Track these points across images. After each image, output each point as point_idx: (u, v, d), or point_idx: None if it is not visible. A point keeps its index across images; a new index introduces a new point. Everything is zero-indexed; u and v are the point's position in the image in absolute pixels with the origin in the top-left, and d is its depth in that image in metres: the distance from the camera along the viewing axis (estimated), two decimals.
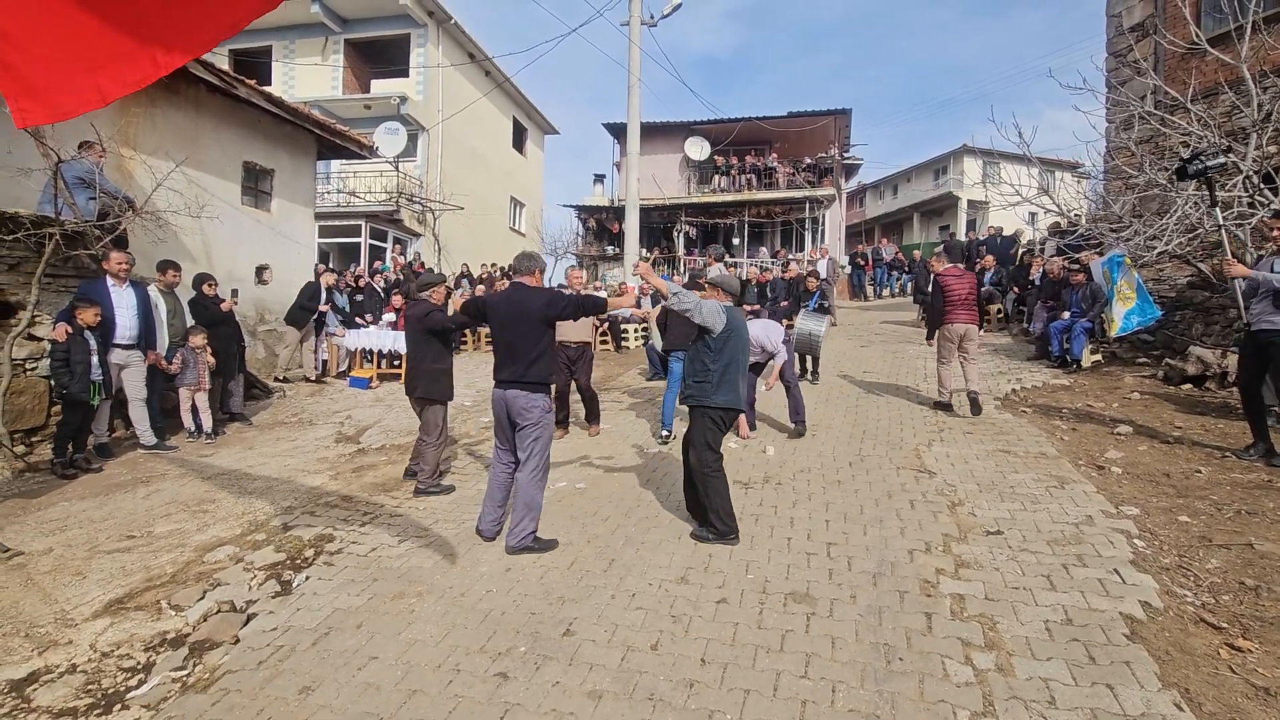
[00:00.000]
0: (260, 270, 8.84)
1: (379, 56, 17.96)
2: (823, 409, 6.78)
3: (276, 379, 8.95)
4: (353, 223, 16.02)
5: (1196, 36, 7.61)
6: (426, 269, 14.43)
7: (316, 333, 9.40)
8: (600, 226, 22.02)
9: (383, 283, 12.35)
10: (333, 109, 16.10)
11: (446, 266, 16.86)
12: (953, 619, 2.92)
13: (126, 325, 5.82)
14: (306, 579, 3.54)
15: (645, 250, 19.73)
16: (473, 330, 11.91)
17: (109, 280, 5.78)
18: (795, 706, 2.40)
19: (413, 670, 2.69)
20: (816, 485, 4.73)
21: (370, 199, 16.33)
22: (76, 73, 1.72)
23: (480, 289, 13.12)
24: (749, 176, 21.01)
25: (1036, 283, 10.09)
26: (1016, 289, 11.08)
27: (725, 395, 3.86)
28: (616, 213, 20.10)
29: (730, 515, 3.81)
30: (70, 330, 5.25)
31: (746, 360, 4.04)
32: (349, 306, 10.26)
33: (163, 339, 6.35)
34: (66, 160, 5.77)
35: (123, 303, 5.82)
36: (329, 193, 16.27)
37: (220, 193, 8.32)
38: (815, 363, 8.08)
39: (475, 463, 5.72)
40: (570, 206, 23.76)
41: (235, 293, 7.53)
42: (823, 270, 13.31)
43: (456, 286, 13.86)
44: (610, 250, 21.22)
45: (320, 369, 9.52)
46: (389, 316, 10.19)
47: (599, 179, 23.70)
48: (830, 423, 6.35)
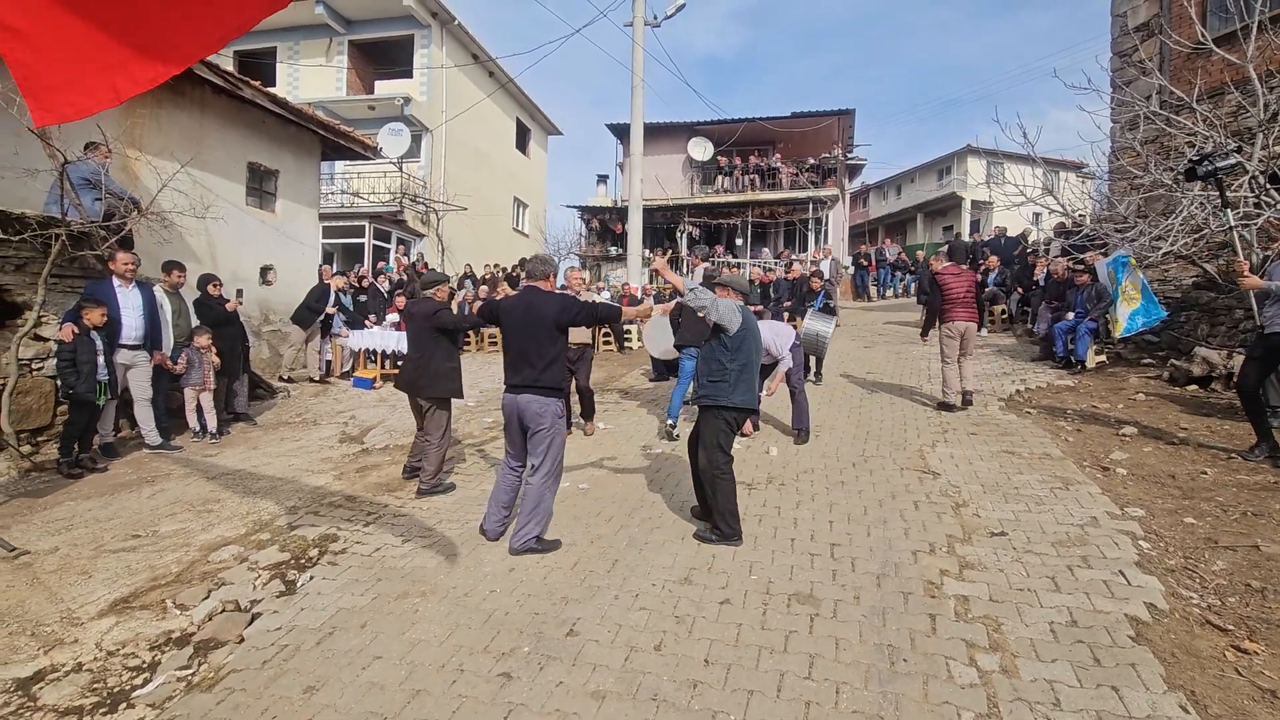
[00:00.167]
0: (264, 271, 8.87)
1: (383, 57, 18.01)
2: (826, 409, 6.77)
3: (281, 379, 8.98)
4: (357, 223, 16.05)
5: (1202, 36, 7.58)
6: (430, 269, 14.45)
7: (323, 334, 9.44)
8: (603, 227, 22.03)
9: (386, 283, 12.36)
10: (337, 110, 16.15)
11: (450, 267, 16.88)
12: (957, 620, 2.91)
13: (132, 325, 5.84)
14: (311, 579, 3.56)
15: (648, 251, 19.72)
16: (476, 330, 11.92)
17: (115, 281, 5.81)
18: (799, 707, 2.40)
19: (417, 670, 2.70)
20: (820, 486, 4.73)
21: (374, 200, 16.37)
22: (91, 71, 1.73)
23: (484, 289, 13.15)
24: (752, 177, 21.00)
25: (1041, 283, 10.07)
26: (1021, 289, 11.06)
27: (742, 395, 3.82)
28: (620, 213, 20.11)
29: (735, 518, 3.81)
30: (77, 330, 5.28)
31: (758, 359, 4.00)
32: (353, 307, 10.29)
33: (168, 339, 6.37)
34: (73, 161, 5.80)
35: (129, 303, 5.84)
36: (333, 193, 16.32)
37: (225, 193, 8.35)
38: (819, 363, 8.09)
39: (479, 463, 5.73)
40: (573, 207, 23.84)
41: (240, 293, 7.56)
42: (826, 271, 13.30)
43: (460, 287, 13.89)
44: (614, 251, 21.23)
45: (324, 369, 9.55)
46: (392, 317, 10.21)
47: (602, 179, 23.77)
48: (834, 423, 6.34)
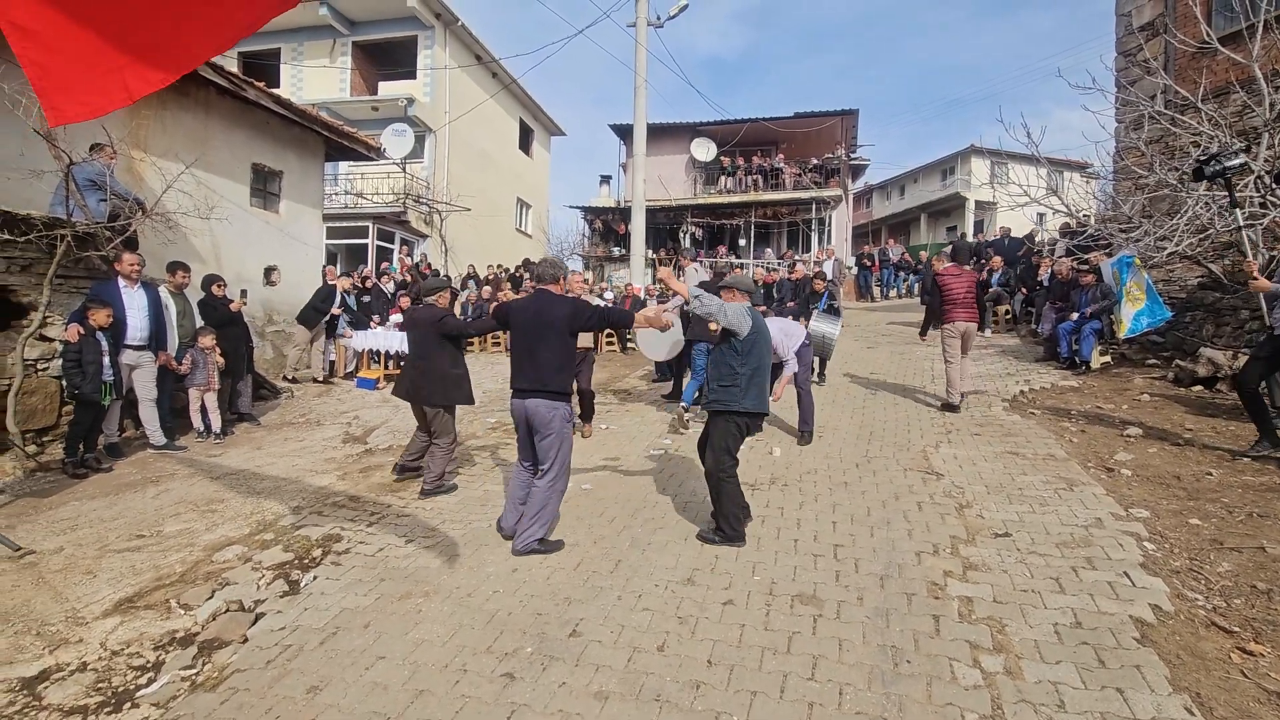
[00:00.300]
0: (268, 271, 8.89)
1: (386, 58, 18.04)
2: (829, 410, 6.76)
3: (285, 378, 9.00)
4: (360, 224, 16.08)
5: (1207, 35, 7.55)
6: (433, 271, 14.48)
7: (327, 335, 9.47)
8: (606, 228, 22.03)
9: (391, 284, 12.38)
10: (340, 111, 16.18)
11: (453, 268, 16.90)
12: (961, 621, 2.91)
13: (137, 326, 5.86)
14: (314, 579, 3.56)
15: (651, 251, 19.72)
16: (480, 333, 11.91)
17: (120, 281, 5.83)
18: (802, 708, 2.40)
19: (420, 670, 2.70)
20: (823, 487, 4.72)
21: (377, 200, 16.40)
22: (104, 71, 1.74)
23: (488, 290, 13.16)
24: (755, 177, 20.97)
25: (1045, 284, 10.05)
26: (1025, 290, 11.03)
27: (754, 399, 3.78)
28: (623, 214, 20.10)
29: (739, 521, 3.81)
30: (82, 331, 5.30)
31: (770, 361, 3.96)
32: (356, 307, 10.31)
33: (173, 340, 6.39)
34: (78, 162, 5.81)
35: (134, 304, 5.86)
36: (337, 194, 16.34)
37: (229, 194, 8.37)
38: (823, 364, 8.08)
39: (482, 463, 5.74)
40: (576, 208, 23.81)
41: (244, 293, 7.57)
42: (829, 271, 13.29)
43: (463, 288, 13.90)
44: (616, 251, 21.23)
45: (328, 370, 9.57)
46: (396, 318, 10.22)
47: (605, 180, 23.71)
48: (837, 424, 6.33)
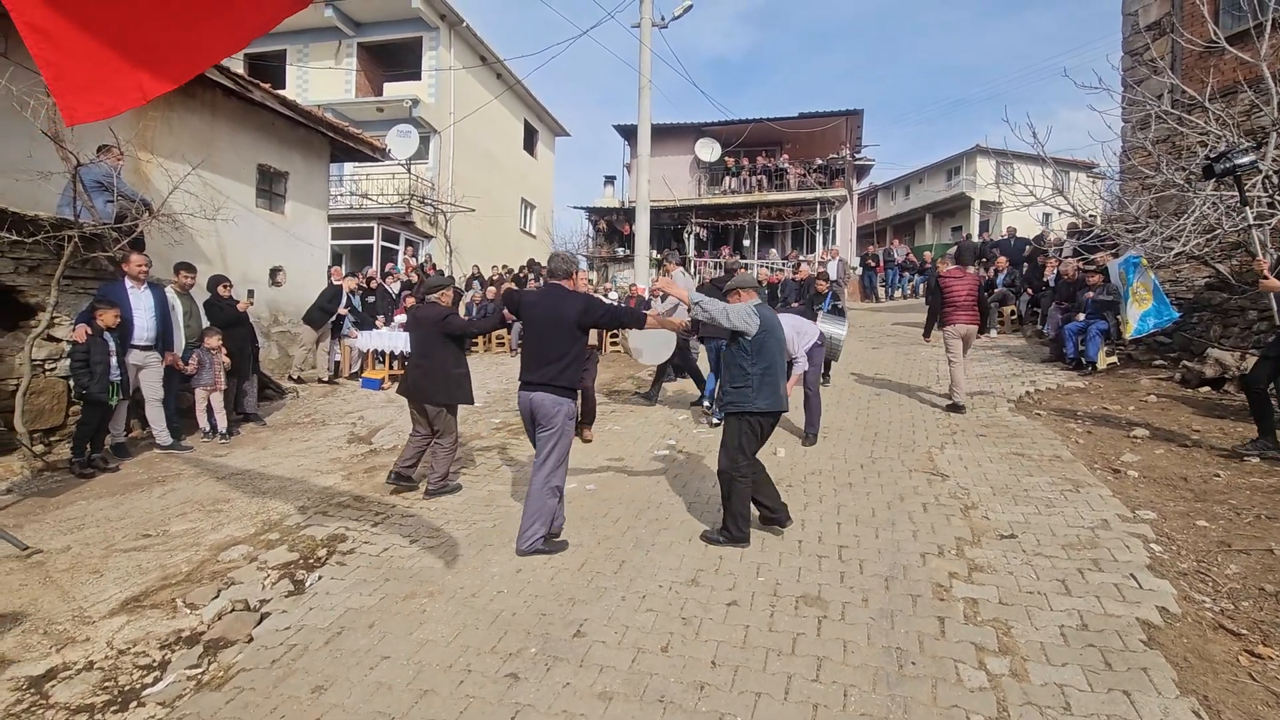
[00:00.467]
0: (274, 272, 8.93)
1: (391, 60, 18.08)
2: (834, 411, 6.74)
3: (291, 378, 9.03)
4: (365, 225, 16.12)
5: (1215, 34, 7.50)
6: (438, 272, 14.50)
7: (333, 335, 9.50)
8: (611, 228, 22.04)
9: (396, 285, 12.41)
10: (346, 112, 16.21)
11: (458, 268, 16.93)
12: (966, 623, 2.90)
13: (144, 326, 5.88)
14: (319, 578, 3.57)
15: (655, 251, 19.71)
16: (485, 331, 11.92)
17: (127, 282, 5.86)
18: (807, 710, 2.39)
19: (424, 670, 2.71)
20: (828, 488, 4.71)
21: (382, 201, 16.44)
22: (118, 71, 1.75)
23: (492, 290, 13.18)
24: (760, 178, 20.95)
25: (1051, 284, 10.00)
26: (1030, 290, 10.98)
27: (767, 399, 3.74)
28: (627, 214, 20.11)
29: (746, 522, 3.81)
30: (90, 331, 5.33)
31: (781, 360, 3.90)
32: (361, 308, 10.34)
33: (179, 340, 6.42)
34: (85, 164, 5.85)
35: (141, 304, 5.90)
36: (342, 195, 16.39)
37: (235, 195, 8.41)
38: (828, 365, 8.05)
39: (487, 463, 5.74)
40: (581, 208, 23.84)
41: (251, 294, 7.61)
42: (833, 272, 13.24)
43: (468, 288, 13.92)
44: (621, 252, 21.23)
45: (333, 370, 9.60)
46: (400, 318, 10.25)
47: (609, 181, 23.71)
48: (842, 425, 6.32)
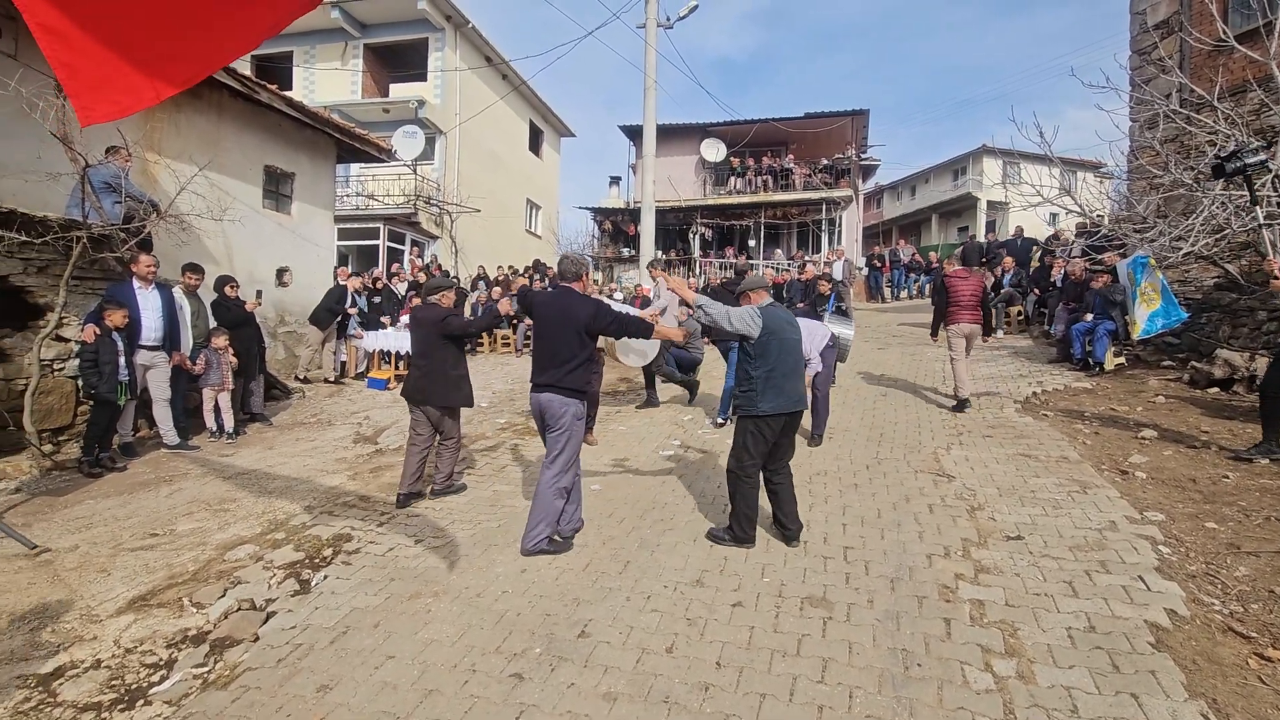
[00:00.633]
0: (280, 272, 8.97)
1: (397, 61, 18.15)
2: (840, 411, 6.72)
3: (297, 378, 9.07)
4: (371, 225, 16.17)
5: (1224, 33, 7.45)
6: (443, 272, 14.54)
7: (339, 335, 9.54)
8: (616, 229, 22.04)
9: (402, 285, 12.45)
10: (352, 113, 16.28)
11: (463, 269, 16.96)
12: (972, 625, 2.88)
13: (152, 327, 5.92)
14: (325, 578, 3.58)
15: (660, 251, 19.71)
16: (489, 333, 11.96)
17: (135, 282, 5.89)
18: (812, 711, 2.38)
19: (429, 670, 2.71)
20: (833, 488, 4.70)
21: (388, 202, 16.50)
22: (131, 71, 1.77)
23: (497, 291, 13.19)
24: (765, 178, 20.91)
25: (1058, 284, 9.95)
26: (1037, 290, 10.93)
27: (770, 401, 3.72)
28: (632, 215, 20.11)
29: (751, 524, 3.80)
30: (99, 331, 5.36)
31: (792, 361, 3.86)
32: (367, 308, 10.38)
33: (187, 340, 6.46)
34: (94, 165, 5.88)
35: (149, 305, 5.93)
36: (348, 196, 16.46)
37: (242, 196, 8.45)
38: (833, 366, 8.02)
39: (492, 464, 5.75)
40: (586, 209, 23.90)
41: (259, 294, 7.64)
42: (838, 272, 13.22)
43: (473, 289, 13.95)
44: (626, 252, 21.24)
45: (339, 370, 9.64)
46: (406, 319, 10.29)
47: (615, 181, 23.74)
48: (847, 425, 6.30)
